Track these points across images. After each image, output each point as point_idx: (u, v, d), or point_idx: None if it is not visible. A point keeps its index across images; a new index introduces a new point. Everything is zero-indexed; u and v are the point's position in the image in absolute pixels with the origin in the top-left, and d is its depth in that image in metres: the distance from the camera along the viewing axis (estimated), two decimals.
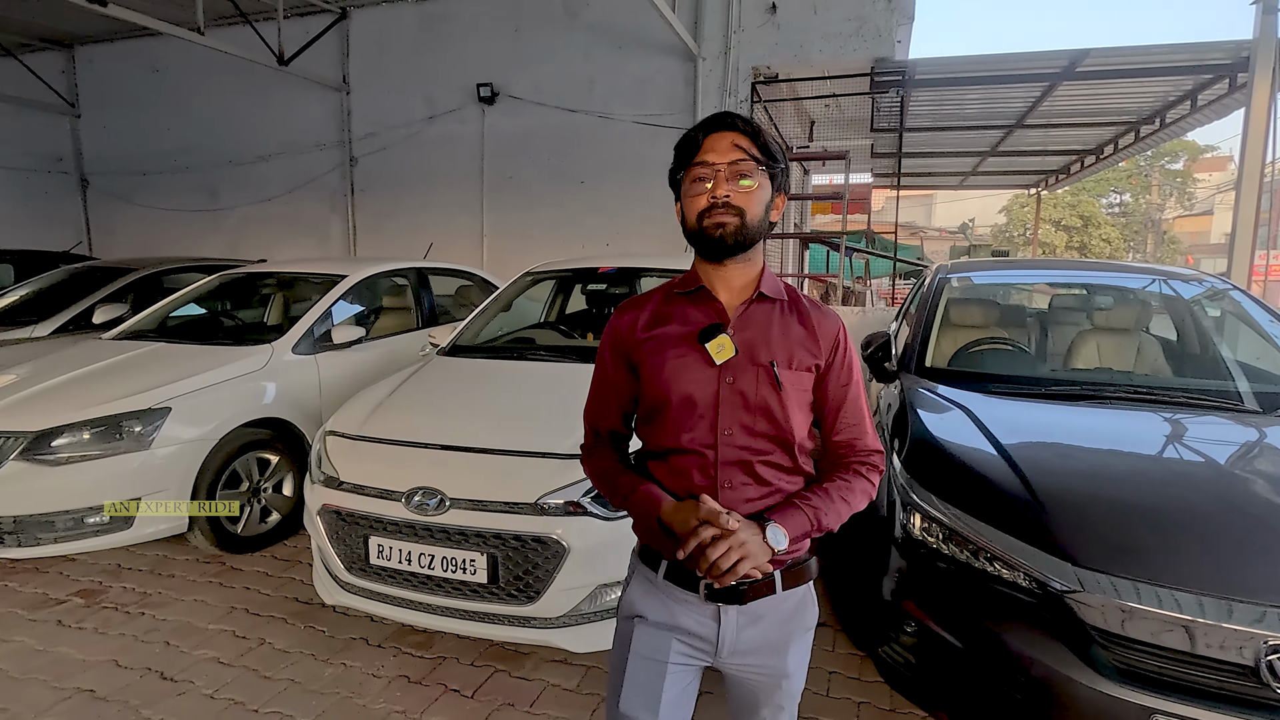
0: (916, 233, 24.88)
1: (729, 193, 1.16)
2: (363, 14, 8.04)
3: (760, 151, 1.18)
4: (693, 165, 1.19)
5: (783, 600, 1.25)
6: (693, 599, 1.25)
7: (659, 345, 1.25)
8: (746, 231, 1.18)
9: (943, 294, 3.31)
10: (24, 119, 10.20)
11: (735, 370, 1.20)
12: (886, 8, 6.10)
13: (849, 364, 1.29)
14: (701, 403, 1.21)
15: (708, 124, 1.22)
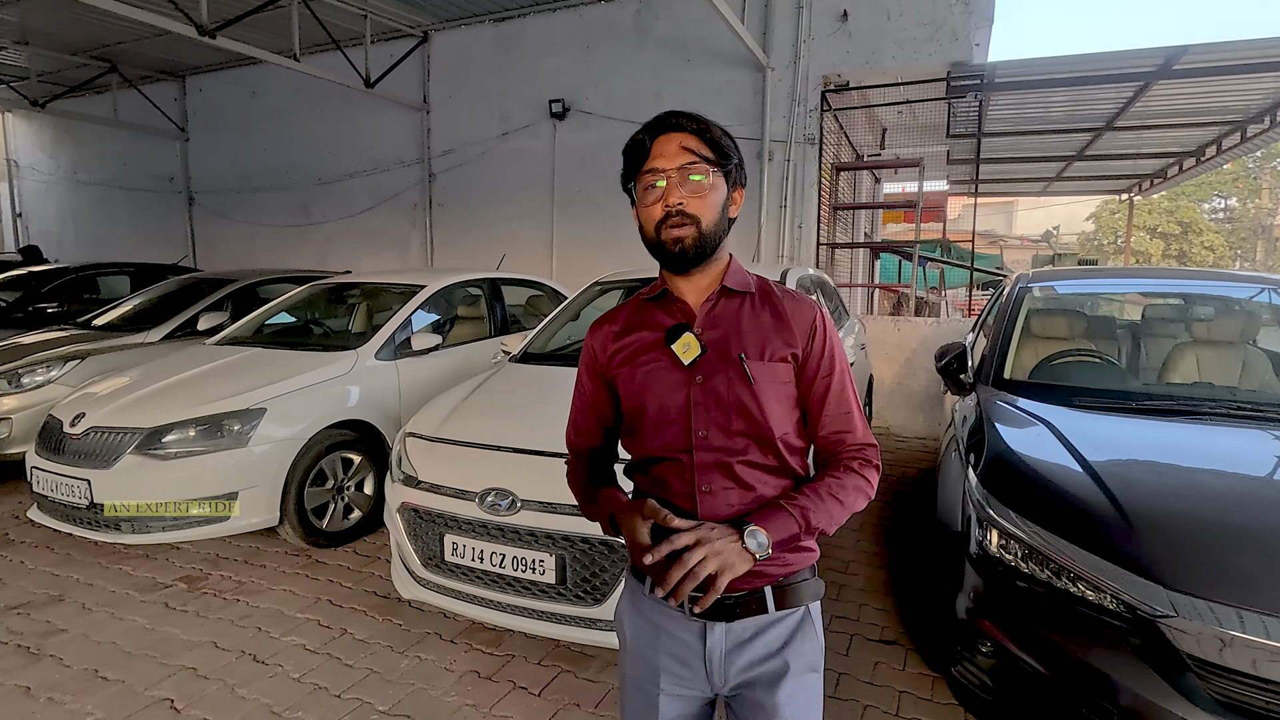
0: (996, 241, 23.85)
1: (682, 199, 1.11)
2: (442, 36, 8.41)
3: (711, 149, 1.13)
4: (643, 173, 1.14)
5: (775, 622, 1.16)
6: (678, 618, 1.18)
7: (630, 355, 1.21)
8: (705, 240, 1.13)
9: (1023, 304, 3.18)
10: (142, 144, 11.15)
11: (705, 369, 1.14)
12: (964, 10, 5.93)
13: (830, 353, 1.19)
14: (674, 407, 1.15)
15: (652, 126, 1.16)
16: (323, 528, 3.61)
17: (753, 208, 6.86)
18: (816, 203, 6.66)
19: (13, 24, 8.67)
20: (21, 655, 2.65)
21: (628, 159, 1.18)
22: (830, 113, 6.74)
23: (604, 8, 7.41)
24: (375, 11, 7.80)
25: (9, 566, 3.42)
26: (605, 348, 1.25)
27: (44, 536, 3.76)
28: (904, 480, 4.96)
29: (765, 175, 6.73)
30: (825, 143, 6.72)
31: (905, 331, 6.33)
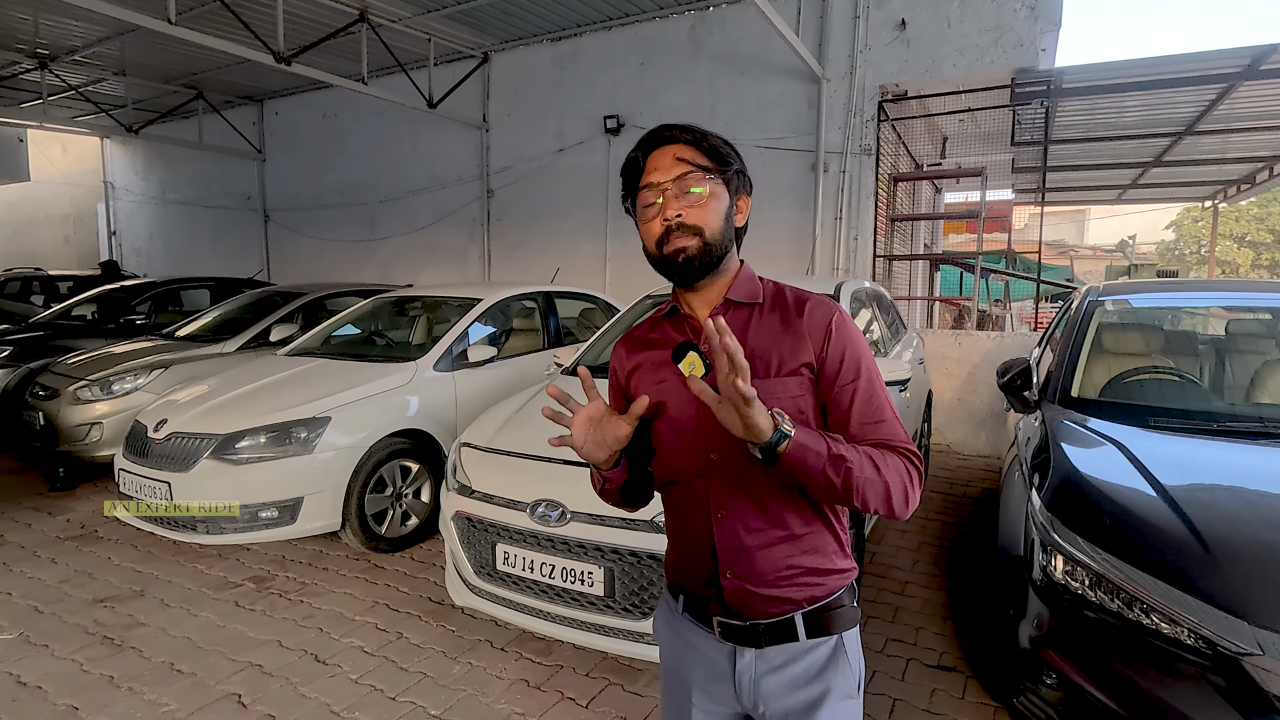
0: (1066, 252, 22.84)
1: (680, 211, 1.06)
2: (502, 57, 8.66)
3: (709, 157, 1.08)
4: (640, 190, 1.11)
5: (807, 650, 1.10)
6: (708, 638, 1.15)
7: (644, 373, 1.17)
8: (710, 250, 1.07)
9: (1093, 318, 3.04)
10: (223, 165, 11.85)
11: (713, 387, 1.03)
12: (1029, 15, 5.75)
13: (852, 355, 1.08)
14: (685, 428, 1.10)
15: (646, 142, 1.12)
16: (382, 533, 3.73)
17: (807, 220, 6.78)
18: (873, 214, 6.53)
19: (114, 57, 9.38)
20: (107, 646, 2.83)
21: (625, 178, 1.15)
22: (888, 123, 6.62)
23: (659, 24, 7.50)
24: (438, 35, 8.10)
25: (97, 562, 3.66)
26: (624, 366, 1.22)
27: (129, 534, 4.01)
28: (965, 499, 4.79)
29: (820, 187, 6.66)
30: (882, 153, 6.60)
31: (966, 346, 6.13)
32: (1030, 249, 10.24)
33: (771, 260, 7.00)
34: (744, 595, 1.09)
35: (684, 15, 7.33)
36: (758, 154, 7.01)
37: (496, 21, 7.78)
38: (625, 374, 1.22)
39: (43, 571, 3.52)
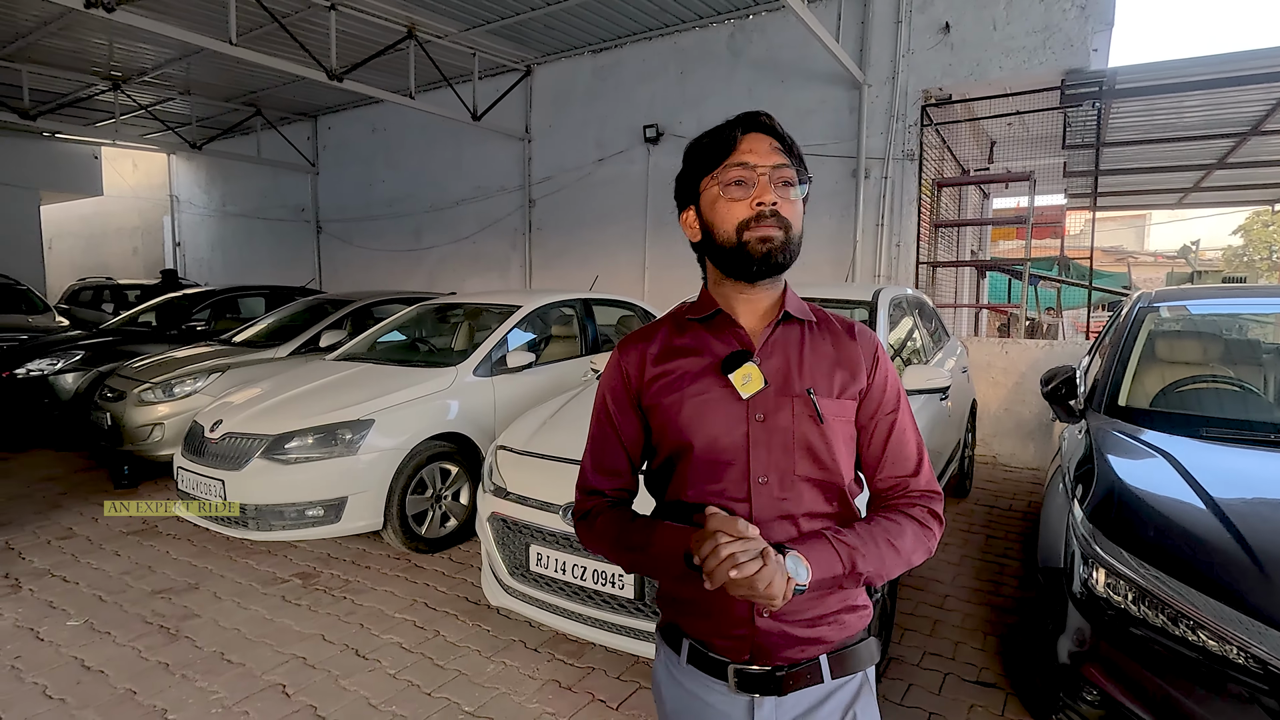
0: (1124, 258, 21.96)
1: (777, 200, 0.99)
2: (544, 69, 8.82)
3: (797, 163, 1.03)
4: (728, 165, 1.00)
5: (831, 692, 1.03)
6: (720, 690, 1.03)
7: (674, 383, 1.04)
8: (791, 249, 1.01)
9: (1143, 325, 2.93)
10: (279, 178, 12.36)
11: (766, 404, 1.00)
12: (1079, 15, 5.59)
13: (894, 387, 1.07)
14: (730, 447, 1.00)
15: (744, 121, 1.03)
16: (422, 534, 3.83)
17: (847, 227, 6.71)
18: (916, 220, 6.42)
19: (180, 77, 9.90)
20: (163, 635, 2.97)
21: (705, 153, 1.03)
22: (931, 127, 6.51)
23: (698, 33, 7.54)
24: (483, 49, 8.31)
25: (156, 555, 3.84)
26: (641, 372, 1.08)
27: (186, 530, 4.20)
28: (1011, 512, 4.65)
29: (861, 193, 6.58)
30: (926, 158, 6.49)
31: (1014, 354, 5.96)
32: (1085, 254, 9.90)
33: (812, 268, 6.94)
34: (779, 637, 1.00)
35: (723, 24, 7.36)
36: None
37: (539, 35, 7.95)
38: (644, 381, 1.08)
39: (107, 564, 3.72)
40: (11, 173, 12.96)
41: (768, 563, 0.85)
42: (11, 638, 2.93)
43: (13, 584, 3.46)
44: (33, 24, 7.84)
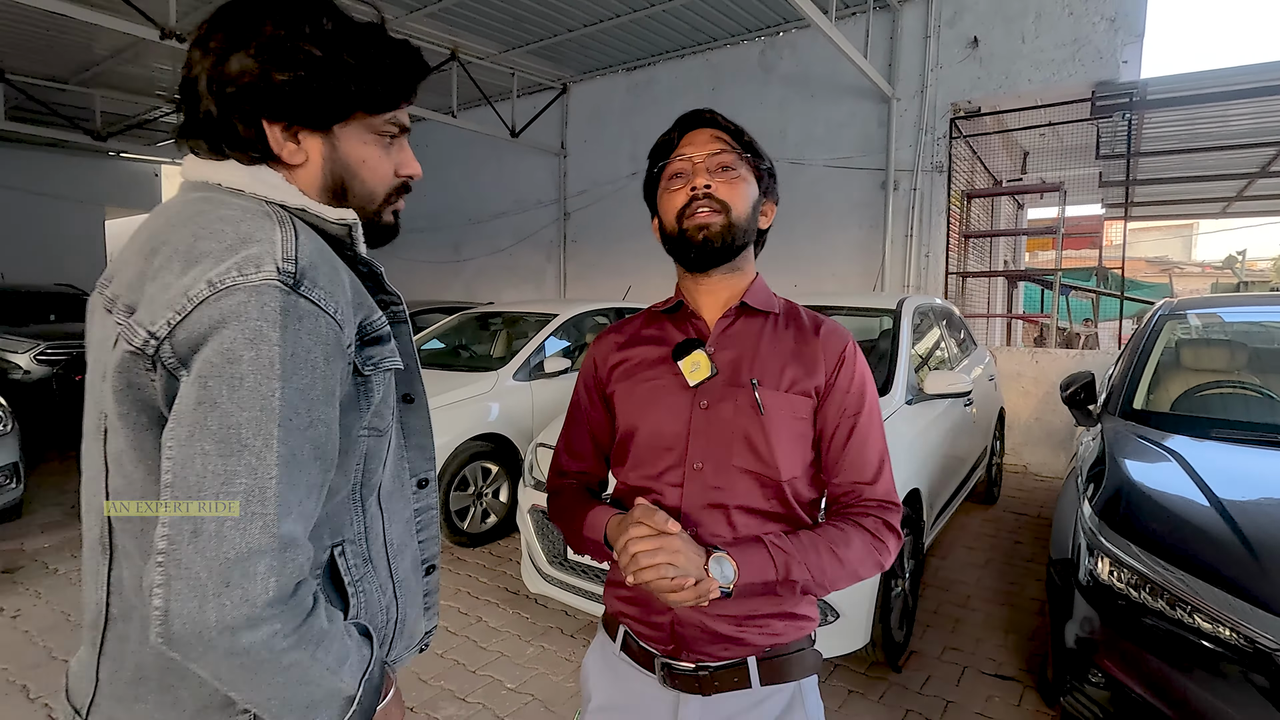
0: (1169, 269, 21.44)
1: (710, 184, 0.98)
2: (580, 87, 9.12)
3: (744, 147, 1.03)
4: (669, 162, 1.03)
5: (759, 700, 0.99)
6: (649, 683, 1.02)
7: (631, 369, 1.06)
8: (733, 231, 0.99)
9: (1160, 333, 3.01)
10: None
11: (712, 393, 0.99)
12: (1109, 28, 5.64)
13: (857, 389, 1.02)
14: (671, 432, 1.00)
15: (682, 122, 1.05)
16: (464, 529, 4.05)
17: (876, 237, 6.81)
18: (945, 231, 6.50)
19: None
20: None
21: (654, 159, 1.07)
22: (961, 139, 6.60)
23: (730, 50, 7.75)
24: (521, 69, 8.64)
25: None
26: (606, 359, 1.11)
27: None
28: (1041, 520, 4.68)
29: (890, 204, 6.68)
30: (955, 170, 6.57)
31: (1044, 364, 5.98)
32: (1128, 266, 9.79)
33: (841, 278, 7.05)
34: (696, 631, 0.99)
35: (754, 41, 7.55)
36: (826, 174, 7.12)
37: (576, 54, 8.24)
38: (607, 369, 1.10)
39: None
40: (81, 190, 13.77)
41: (677, 564, 0.86)
42: None
43: None
44: (107, 53, 8.42)
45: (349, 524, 0.83)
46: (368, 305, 0.81)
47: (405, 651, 0.93)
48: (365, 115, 0.82)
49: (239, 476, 0.64)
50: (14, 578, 3.62)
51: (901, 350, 3.42)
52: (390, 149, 0.87)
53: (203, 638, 0.62)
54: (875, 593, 2.50)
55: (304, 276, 0.69)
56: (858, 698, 2.59)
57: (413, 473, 0.94)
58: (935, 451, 3.30)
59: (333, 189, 0.83)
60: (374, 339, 0.80)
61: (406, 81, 0.84)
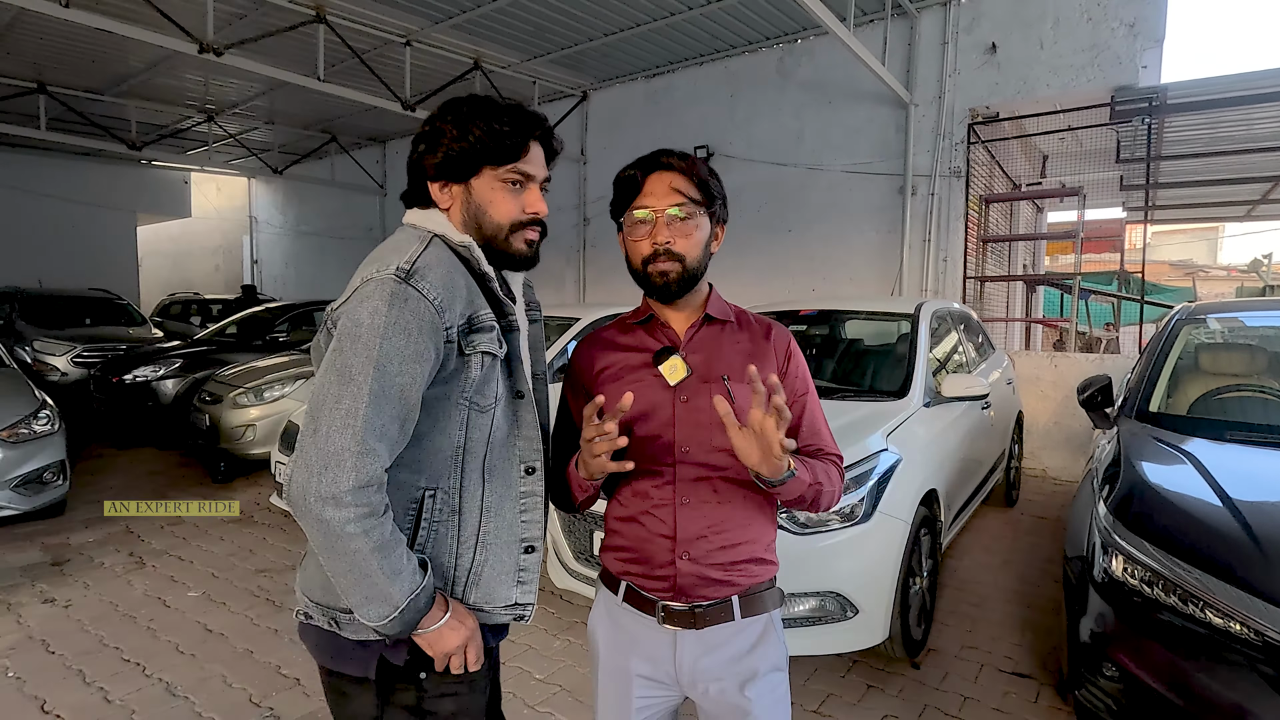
0: (1192, 272, 21.13)
1: (669, 239, 1.20)
2: (599, 95, 9.26)
3: (699, 189, 1.22)
4: (633, 207, 1.23)
5: (740, 629, 1.22)
6: (650, 624, 1.23)
7: (617, 373, 1.27)
8: (688, 275, 1.22)
9: (1178, 337, 3.05)
10: (350, 200, 13.15)
11: (689, 389, 1.22)
12: (1128, 33, 5.66)
13: (803, 375, 1.30)
14: (659, 423, 1.22)
15: (645, 163, 1.24)
16: None
17: (894, 242, 6.86)
18: (963, 236, 6.53)
19: (265, 108, 10.73)
20: (269, 606, 3.36)
21: (619, 191, 1.27)
22: (979, 144, 6.63)
23: (748, 58, 7.84)
24: (542, 77, 8.79)
25: (256, 540, 4.28)
26: (591, 368, 1.30)
27: (278, 520, 4.64)
28: (1059, 523, 4.70)
29: (908, 209, 6.73)
30: (974, 174, 6.60)
31: (1063, 368, 5.99)
32: (1150, 269, 9.72)
33: (858, 282, 7.10)
34: (694, 579, 1.20)
35: (772, 48, 7.64)
36: (844, 179, 7.18)
37: (596, 63, 8.37)
38: (593, 375, 1.29)
39: (214, 546, 4.17)
40: (114, 197, 14.17)
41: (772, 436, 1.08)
42: (144, 605, 3.37)
43: (138, 561, 3.93)
44: (142, 66, 8.69)
45: (446, 478, 1.11)
46: (479, 303, 1.11)
47: (491, 608, 1.16)
48: (491, 168, 1.14)
49: (344, 399, 0.98)
50: (63, 570, 3.79)
51: (919, 354, 3.48)
52: (517, 193, 1.16)
53: (305, 502, 0.96)
54: (894, 589, 2.57)
55: (415, 274, 1.03)
56: (876, 692, 2.65)
57: (521, 459, 1.19)
58: (952, 454, 3.36)
59: (471, 223, 1.16)
60: (478, 328, 1.10)
61: (517, 143, 1.13)
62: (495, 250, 1.17)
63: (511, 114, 1.13)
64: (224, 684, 2.69)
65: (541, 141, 1.19)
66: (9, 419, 4.21)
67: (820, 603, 2.48)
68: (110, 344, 8.73)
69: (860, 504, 2.54)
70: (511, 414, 1.18)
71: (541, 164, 1.19)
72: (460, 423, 1.10)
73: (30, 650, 2.93)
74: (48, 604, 3.37)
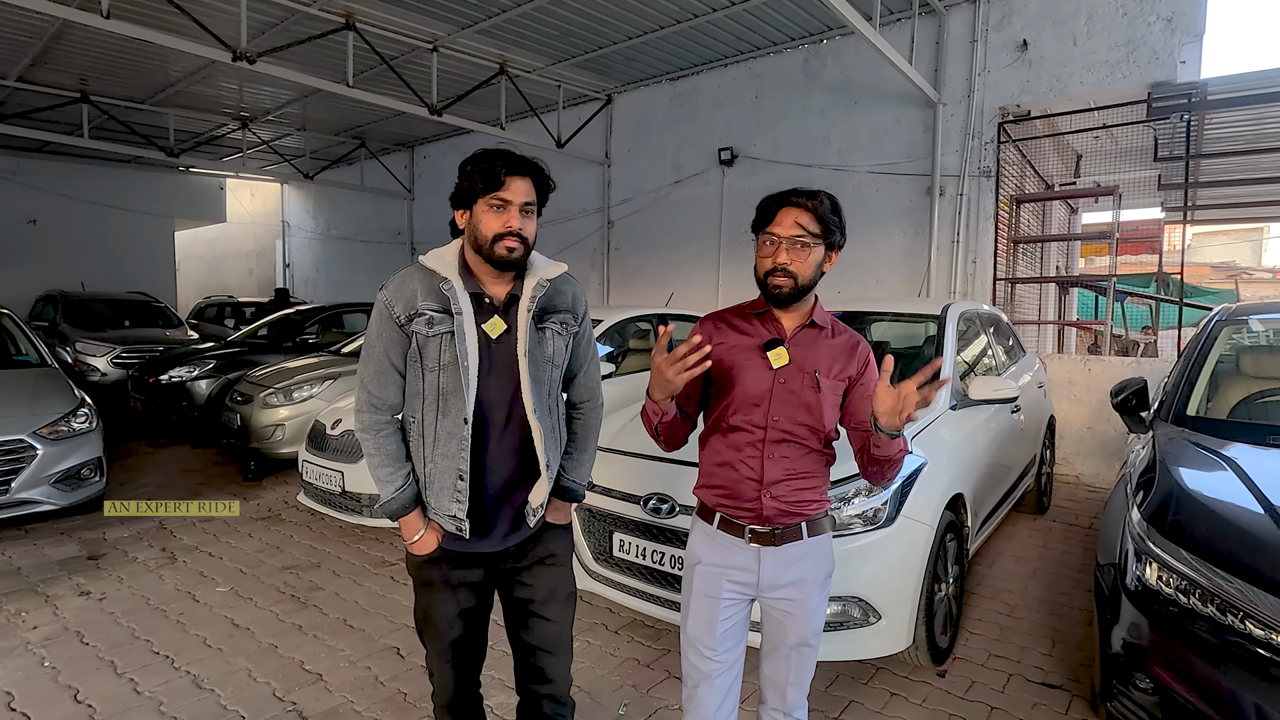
0: (1235, 275, 20.45)
1: (787, 261, 1.54)
2: (624, 98, 9.28)
3: (819, 224, 1.54)
4: (764, 232, 1.59)
5: (808, 547, 1.64)
6: (739, 544, 1.63)
7: (731, 349, 1.63)
8: (799, 290, 1.57)
9: (1217, 339, 2.95)
10: (379, 204, 13.36)
11: (787, 374, 1.59)
12: (1165, 28, 5.50)
13: (872, 376, 1.64)
14: (759, 394, 1.60)
15: (779, 200, 1.58)
16: None
17: (921, 244, 6.75)
18: (993, 237, 6.40)
19: (297, 115, 10.96)
20: (294, 603, 3.41)
21: (759, 214, 1.62)
22: (1009, 144, 6.50)
23: (773, 59, 7.79)
24: (567, 81, 8.84)
25: (282, 537, 4.35)
26: (711, 338, 1.65)
27: (305, 518, 4.71)
28: (1092, 531, 4.58)
29: (936, 210, 6.62)
30: (1004, 174, 6.47)
31: (1097, 371, 5.83)
32: (1191, 271, 9.43)
33: (885, 286, 7.00)
34: (775, 512, 1.61)
35: (798, 49, 7.58)
36: (870, 180, 7.09)
37: (621, 66, 8.40)
38: (713, 344, 1.57)
39: (243, 543, 4.25)
40: (153, 203, 14.58)
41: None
42: (174, 599, 3.45)
43: (169, 556, 4.02)
44: (180, 75, 8.94)
45: (415, 411, 1.64)
46: (424, 302, 1.59)
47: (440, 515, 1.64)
48: (483, 197, 1.57)
49: (361, 361, 1.67)
50: (98, 564, 3.89)
51: (946, 356, 3.41)
52: (499, 213, 1.57)
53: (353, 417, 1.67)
54: (918, 595, 2.52)
55: (385, 287, 1.63)
56: (900, 700, 2.60)
57: (462, 412, 1.59)
58: (980, 458, 3.28)
59: (470, 237, 1.61)
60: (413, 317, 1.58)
61: (496, 177, 1.55)
62: (485, 256, 1.58)
63: (500, 157, 1.56)
64: (249, 678, 2.73)
65: (530, 175, 1.61)
66: (49, 417, 4.35)
67: (842, 608, 2.44)
68: (148, 345, 8.97)
69: (884, 507, 2.50)
70: (457, 377, 1.58)
71: (522, 192, 1.57)
72: (418, 376, 1.61)
73: (66, 641, 3.01)
74: (83, 596, 3.46)
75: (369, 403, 1.63)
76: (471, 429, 1.57)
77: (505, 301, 1.63)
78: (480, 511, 1.63)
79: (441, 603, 1.71)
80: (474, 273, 1.61)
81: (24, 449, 4.15)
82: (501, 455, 1.63)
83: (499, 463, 1.63)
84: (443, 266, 1.59)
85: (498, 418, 1.61)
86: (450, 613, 1.71)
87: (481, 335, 1.59)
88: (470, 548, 1.66)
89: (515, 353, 1.61)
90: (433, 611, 1.72)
